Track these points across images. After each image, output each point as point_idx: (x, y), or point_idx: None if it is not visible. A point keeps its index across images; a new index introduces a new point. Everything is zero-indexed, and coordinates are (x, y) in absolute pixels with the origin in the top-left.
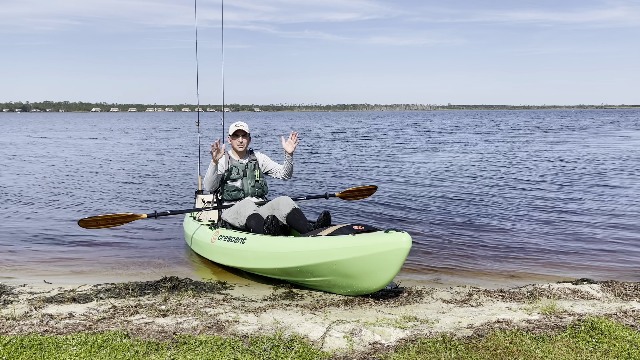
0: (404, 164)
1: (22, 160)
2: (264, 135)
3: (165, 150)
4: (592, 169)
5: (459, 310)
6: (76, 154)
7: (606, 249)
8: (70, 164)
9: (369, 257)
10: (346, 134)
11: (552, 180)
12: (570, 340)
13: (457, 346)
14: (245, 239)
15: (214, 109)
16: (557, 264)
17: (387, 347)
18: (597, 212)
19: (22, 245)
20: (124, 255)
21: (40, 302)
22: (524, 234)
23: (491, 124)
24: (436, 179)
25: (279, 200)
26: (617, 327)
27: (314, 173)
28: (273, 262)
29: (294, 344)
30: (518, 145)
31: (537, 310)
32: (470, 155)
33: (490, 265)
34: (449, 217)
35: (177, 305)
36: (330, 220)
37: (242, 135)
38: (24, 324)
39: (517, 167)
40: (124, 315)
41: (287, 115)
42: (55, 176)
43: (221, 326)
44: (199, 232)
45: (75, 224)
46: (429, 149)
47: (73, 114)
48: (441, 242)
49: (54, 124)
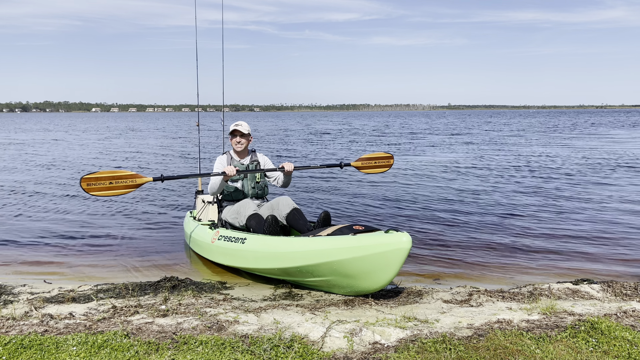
0: (403, 163)
1: (22, 160)
2: (266, 135)
3: (165, 151)
4: (592, 168)
5: (459, 310)
6: (76, 154)
7: (606, 249)
8: (71, 164)
9: (369, 257)
10: (360, 134)
11: (552, 180)
12: (570, 340)
13: (457, 346)
14: (245, 239)
15: (214, 109)
16: (557, 264)
17: (387, 347)
18: (597, 211)
19: (23, 245)
20: (124, 255)
21: (40, 302)
22: (524, 233)
23: (489, 124)
24: (436, 179)
25: (279, 200)
26: (617, 327)
27: (315, 173)
28: (273, 262)
29: (294, 344)
30: (518, 145)
31: (537, 310)
32: (470, 156)
33: (490, 265)
34: (449, 217)
35: (177, 305)
36: (330, 220)
37: (240, 136)
38: (24, 324)
39: (517, 167)
40: (124, 315)
41: (286, 115)
42: (55, 176)
43: (221, 326)
44: (199, 232)
45: (76, 224)
46: (429, 148)
47: (73, 114)
48: (441, 242)
49: (55, 124)
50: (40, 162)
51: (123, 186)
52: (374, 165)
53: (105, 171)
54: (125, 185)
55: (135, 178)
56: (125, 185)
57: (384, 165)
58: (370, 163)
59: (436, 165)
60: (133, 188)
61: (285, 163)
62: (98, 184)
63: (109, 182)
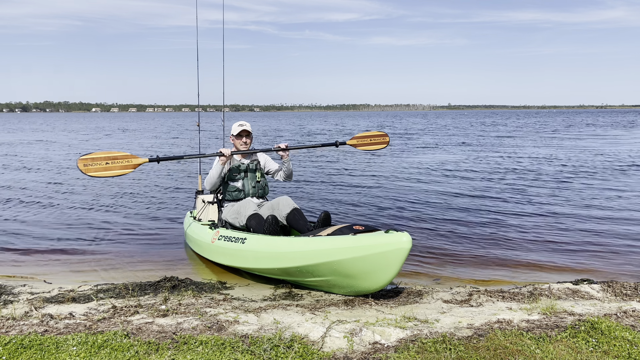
0: (403, 163)
1: (22, 160)
2: (266, 135)
3: (165, 150)
4: (591, 167)
5: (459, 310)
6: (75, 154)
7: (606, 248)
8: (68, 164)
9: (369, 257)
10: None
11: (552, 179)
12: (570, 340)
13: (457, 346)
14: (245, 239)
15: (214, 109)
16: (557, 263)
17: (387, 347)
18: (598, 211)
19: (23, 245)
20: (124, 255)
21: (40, 302)
22: (524, 233)
23: (489, 125)
24: (435, 179)
25: (279, 200)
26: (617, 327)
27: (314, 173)
28: (273, 262)
29: (294, 344)
30: (517, 145)
31: (537, 310)
32: (470, 156)
33: (490, 265)
34: (449, 217)
35: (177, 305)
36: (330, 220)
37: (246, 136)
38: (24, 324)
39: (517, 167)
40: (124, 315)
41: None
42: (55, 176)
43: (221, 326)
44: (199, 232)
45: (76, 224)
46: (428, 148)
47: (73, 114)
48: (441, 242)
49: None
50: (40, 162)
51: (120, 166)
52: (369, 143)
53: (101, 152)
54: (121, 166)
55: (131, 159)
56: (121, 165)
57: (380, 142)
58: (365, 140)
59: (436, 165)
60: (130, 169)
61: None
62: (95, 164)
63: (105, 163)
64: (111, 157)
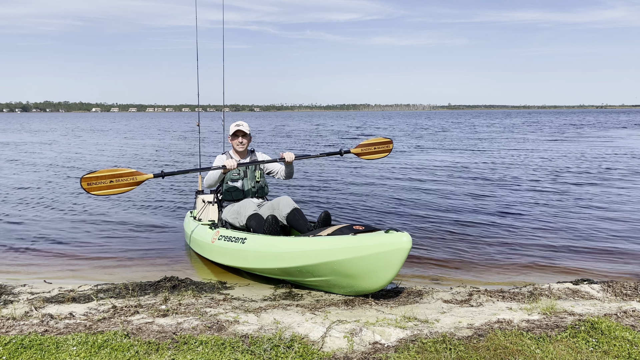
0: (402, 163)
1: (22, 160)
2: (267, 135)
3: (165, 150)
4: (592, 168)
5: (459, 310)
6: (74, 154)
7: (606, 248)
8: (69, 164)
9: (369, 257)
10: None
11: (552, 180)
12: (570, 340)
13: (457, 346)
14: (245, 239)
15: (214, 109)
16: (557, 263)
17: (387, 347)
18: (598, 211)
19: (22, 245)
20: (124, 255)
21: (40, 302)
22: (524, 233)
23: (490, 125)
24: (435, 179)
25: (279, 200)
26: (617, 327)
27: (314, 173)
28: (273, 262)
29: (294, 344)
30: (517, 145)
31: (537, 310)
32: (470, 156)
33: (490, 265)
34: (449, 217)
35: (177, 305)
36: (330, 220)
37: (242, 136)
38: (24, 324)
39: (517, 167)
40: (124, 315)
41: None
42: (54, 177)
43: (221, 326)
44: (199, 232)
45: (76, 224)
46: (428, 148)
47: (73, 114)
48: (441, 242)
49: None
50: (40, 161)
51: (124, 184)
52: (373, 151)
53: (105, 170)
54: (126, 183)
55: (135, 175)
56: (126, 183)
57: (384, 151)
58: (369, 149)
59: (436, 165)
60: (134, 186)
61: (285, 153)
62: (98, 183)
63: (109, 181)
64: (115, 175)
